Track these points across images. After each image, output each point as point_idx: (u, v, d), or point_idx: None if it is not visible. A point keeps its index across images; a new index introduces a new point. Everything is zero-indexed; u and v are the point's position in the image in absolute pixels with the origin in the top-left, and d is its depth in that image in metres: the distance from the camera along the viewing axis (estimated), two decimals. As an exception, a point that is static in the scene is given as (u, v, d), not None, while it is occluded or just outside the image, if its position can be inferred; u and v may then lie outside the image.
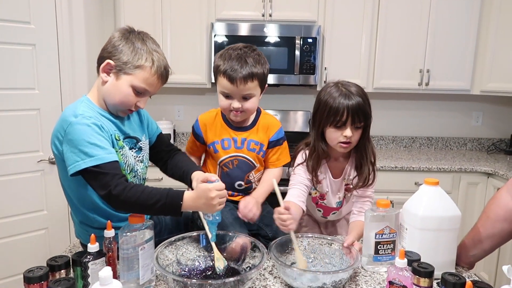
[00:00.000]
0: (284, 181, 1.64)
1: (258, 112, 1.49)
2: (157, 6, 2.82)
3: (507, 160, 2.97)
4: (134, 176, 1.31)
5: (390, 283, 1.01)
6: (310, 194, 1.57)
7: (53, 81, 2.32)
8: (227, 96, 1.36)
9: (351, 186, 1.52)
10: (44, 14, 2.25)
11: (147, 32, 1.27)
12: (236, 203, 1.41)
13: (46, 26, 2.27)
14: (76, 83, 2.41)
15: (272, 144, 1.49)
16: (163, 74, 1.23)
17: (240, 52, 1.33)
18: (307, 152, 1.50)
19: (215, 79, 1.39)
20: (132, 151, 1.29)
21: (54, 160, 2.30)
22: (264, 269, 1.23)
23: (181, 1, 2.82)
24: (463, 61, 2.92)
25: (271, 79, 2.84)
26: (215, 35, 2.79)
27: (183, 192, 1.12)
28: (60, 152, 1.15)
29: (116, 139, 1.22)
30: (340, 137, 1.38)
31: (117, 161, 1.14)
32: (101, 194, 1.09)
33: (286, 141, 1.53)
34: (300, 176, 1.48)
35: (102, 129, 1.16)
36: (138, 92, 1.21)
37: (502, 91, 2.89)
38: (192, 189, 1.20)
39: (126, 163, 1.25)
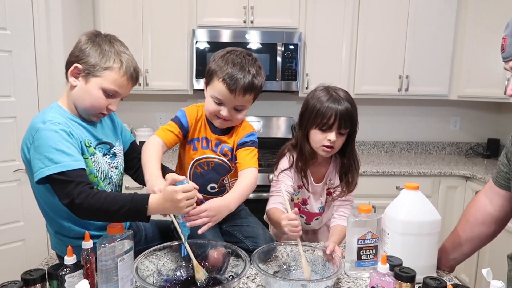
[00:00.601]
0: (266, 187, 1.63)
1: None
2: (137, 12, 2.79)
3: (484, 164, 3.04)
4: (109, 183, 1.28)
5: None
6: (292, 200, 1.57)
7: (30, 88, 2.27)
8: (219, 103, 1.29)
9: (334, 193, 1.52)
10: (20, 19, 2.21)
11: (115, 35, 1.25)
12: None
13: (23, 32, 2.22)
14: (54, 90, 2.36)
15: (238, 147, 1.37)
16: (133, 75, 1.21)
17: (243, 60, 1.26)
18: (294, 155, 1.49)
19: (209, 80, 1.29)
20: (106, 157, 1.27)
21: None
22: (247, 277, 1.21)
23: (162, 7, 2.80)
24: (440, 67, 2.99)
25: (253, 85, 2.84)
26: (196, 42, 2.78)
27: (148, 196, 1.09)
28: (28, 159, 1.13)
29: (86, 145, 1.19)
30: (324, 140, 1.38)
31: (83, 169, 1.11)
32: (64, 203, 1.06)
33: (256, 148, 1.39)
34: (284, 184, 1.47)
35: (71, 135, 1.13)
36: (109, 94, 1.19)
37: (479, 96, 2.97)
38: None
39: (99, 170, 1.22)
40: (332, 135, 1.36)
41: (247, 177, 1.29)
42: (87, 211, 1.06)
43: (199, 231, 1.12)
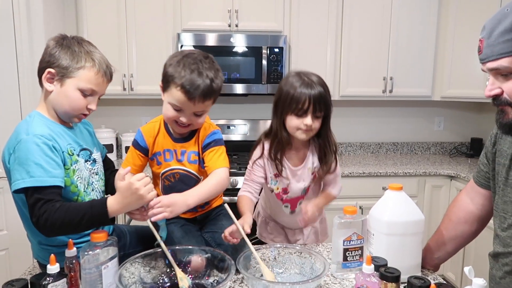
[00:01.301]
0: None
1: None
2: (121, 16, 2.77)
3: (468, 163, 3.09)
4: (92, 190, 1.27)
5: None
6: (272, 191, 1.57)
7: (11, 93, 2.24)
8: (177, 110, 1.24)
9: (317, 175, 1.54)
10: (1, 22, 2.17)
11: (82, 37, 1.26)
12: (187, 220, 1.39)
13: (3, 36, 2.18)
14: (36, 94, 2.32)
15: (204, 149, 1.33)
16: (107, 72, 1.22)
17: (200, 64, 1.21)
18: (266, 143, 1.51)
19: (166, 87, 1.25)
20: (87, 163, 1.26)
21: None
22: (234, 281, 1.21)
23: (147, 11, 2.79)
24: (424, 68, 3.04)
25: (240, 88, 2.85)
26: (181, 46, 2.77)
27: (106, 199, 1.09)
28: (8, 168, 1.13)
29: (69, 153, 1.18)
30: (300, 125, 1.39)
31: (59, 187, 1.11)
32: (32, 221, 1.07)
33: (223, 147, 1.35)
34: (254, 175, 1.52)
35: (53, 149, 1.12)
36: (86, 94, 1.19)
37: (461, 97, 3.02)
38: None
39: (81, 177, 1.22)
40: (308, 120, 1.38)
41: (213, 177, 1.26)
42: (52, 228, 1.06)
43: (152, 219, 1.11)
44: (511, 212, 1.05)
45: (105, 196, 1.29)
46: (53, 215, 1.04)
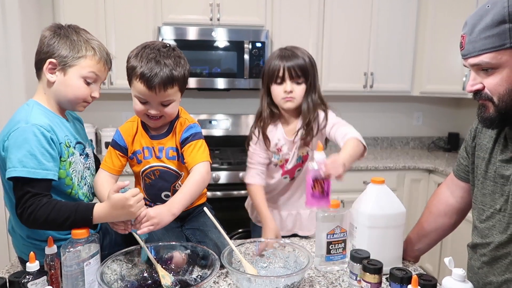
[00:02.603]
0: (236, 185, 1.60)
1: (176, 116, 1.34)
2: (99, 10, 2.70)
3: (445, 157, 3.16)
4: (85, 184, 1.25)
5: (315, 180, 1.18)
6: (276, 165, 1.62)
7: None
8: (144, 102, 1.23)
9: (308, 139, 1.56)
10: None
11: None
12: None
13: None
14: (12, 88, 2.26)
15: (183, 144, 1.30)
16: (107, 60, 1.23)
17: (158, 53, 1.19)
18: (258, 125, 1.61)
19: (129, 81, 1.24)
20: (81, 157, 1.25)
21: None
22: (218, 276, 1.21)
23: (126, 4, 2.73)
24: (403, 64, 3.09)
25: (222, 83, 2.83)
26: (162, 40, 2.72)
27: (93, 205, 1.08)
28: (3, 157, 1.10)
29: (66, 145, 1.17)
30: (282, 93, 1.50)
31: (50, 180, 1.09)
32: (16, 212, 1.05)
33: (202, 140, 1.31)
34: (258, 157, 1.60)
35: (51, 141, 1.10)
36: (89, 82, 1.19)
37: (439, 92, 3.09)
38: None
39: (75, 170, 1.20)
40: (287, 86, 1.48)
41: (193, 175, 1.23)
42: (34, 223, 1.05)
43: (138, 232, 1.10)
44: (490, 204, 1.08)
45: (92, 202, 1.24)
46: (38, 211, 1.03)
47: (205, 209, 1.26)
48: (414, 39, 3.07)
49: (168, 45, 1.25)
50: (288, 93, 1.48)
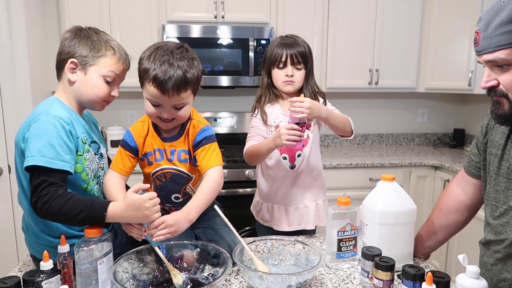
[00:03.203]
0: (241, 183, 1.58)
1: (188, 117, 1.31)
2: (104, 9, 2.70)
3: (451, 153, 3.15)
4: (97, 183, 1.26)
5: (297, 124, 1.37)
6: None
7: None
8: (156, 105, 1.19)
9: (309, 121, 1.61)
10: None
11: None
12: None
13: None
14: (18, 86, 2.26)
15: (196, 147, 1.29)
16: (126, 60, 1.27)
17: (171, 56, 1.16)
18: (257, 106, 1.71)
19: (141, 83, 1.20)
20: (96, 156, 1.26)
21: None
22: (229, 274, 1.21)
23: (130, 2, 2.73)
24: (408, 61, 3.07)
25: (226, 81, 2.83)
26: (167, 38, 2.72)
27: (108, 203, 1.07)
28: (23, 149, 1.11)
29: (83, 142, 1.19)
30: (283, 76, 1.61)
31: (67, 172, 1.09)
32: (31, 201, 1.06)
33: (215, 143, 1.31)
34: (257, 129, 1.67)
35: (69, 134, 1.12)
36: (109, 81, 1.22)
37: (444, 89, 3.07)
38: None
39: (89, 168, 1.22)
40: (288, 70, 1.59)
41: (208, 180, 1.22)
42: (48, 213, 1.04)
43: (153, 239, 1.10)
44: (503, 201, 1.07)
45: (107, 200, 1.23)
46: (53, 201, 1.03)
47: (216, 207, 1.25)
48: (419, 35, 3.05)
49: (181, 46, 1.21)
50: (289, 77, 1.60)
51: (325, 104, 1.68)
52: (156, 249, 1.14)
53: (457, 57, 2.93)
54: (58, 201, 1.03)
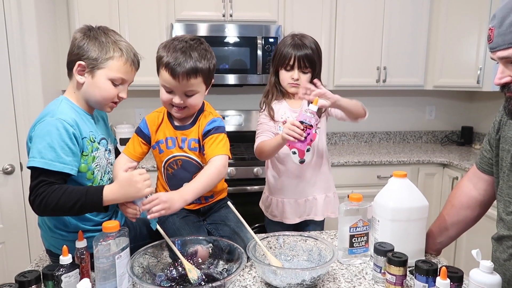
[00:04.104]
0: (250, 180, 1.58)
1: (201, 109, 1.39)
2: (113, 8, 2.72)
3: (459, 151, 3.14)
4: (109, 179, 1.29)
5: (301, 122, 1.38)
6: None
7: (4, 86, 2.19)
8: (169, 91, 1.29)
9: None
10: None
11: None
12: (189, 211, 1.40)
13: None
14: (29, 84, 2.28)
15: (204, 136, 1.34)
16: (134, 61, 1.26)
17: (185, 44, 1.25)
18: (265, 102, 1.74)
19: (158, 71, 1.30)
20: (106, 152, 1.29)
21: (8, 170, 2.19)
22: (243, 269, 1.22)
23: (139, 1, 2.74)
24: (416, 58, 3.07)
25: (234, 79, 2.84)
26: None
27: (102, 187, 1.11)
28: (30, 147, 1.14)
29: (91, 140, 1.21)
30: (289, 78, 1.64)
31: (66, 174, 1.12)
32: (29, 199, 1.09)
33: (224, 134, 1.35)
34: (265, 125, 1.71)
35: (73, 136, 1.13)
36: (116, 83, 1.23)
37: (452, 86, 3.07)
38: None
39: (100, 165, 1.24)
40: (294, 74, 1.63)
41: (209, 167, 1.25)
42: (45, 209, 1.08)
43: (148, 216, 1.11)
44: (516, 196, 1.08)
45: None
46: (50, 196, 1.06)
47: (229, 203, 1.28)
48: (427, 32, 3.05)
49: (197, 38, 1.29)
50: (294, 80, 1.63)
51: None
52: (169, 242, 1.15)
53: (465, 54, 2.92)
54: (54, 195, 1.06)
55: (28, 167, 1.10)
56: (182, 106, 1.29)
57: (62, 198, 1.06)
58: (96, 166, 1.22)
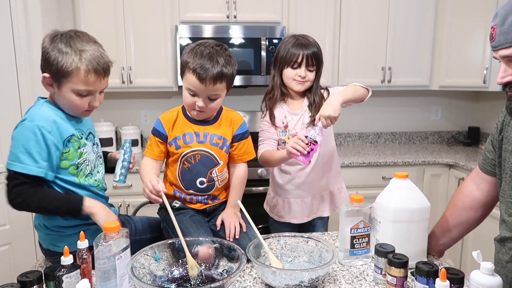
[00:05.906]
0: (254, 182, 1.60)
1: (220, 108, 1.46)
2: (118, 9, 2.74)
3: (466, 152, 3.12)
4: (98, 172, 1.32)
5: (306, 137, 1.41)
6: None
7: (10, 86, 2.22)
8: (193, 95, 1.33)
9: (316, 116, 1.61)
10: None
11: (83, 31, 1.23)
12: (196, 210, 1.42)
13: (1, 33, 2.16)
14: (35, 90, 2.31)
15: (238, 138, 1.45)
16: (98, 69, 1.18)
17: (212, 50, 1.30)
18: (267, 103, 1.75)
19: (182, 74, 1.34)
20: (94, 147, 1.32)
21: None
22: (243, 270, 1.22)
23: (144, 3, 2.77)
24: (421, 58, 3.05)
25: (238, 80, 2.84)
26: (179, 38, 2.75)
27: (82, 198, 1.21)
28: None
29: (78, 137, 1.24)
30: (295, 76, 1.64)
31: (41, 178, 1.17)
32: (8, 198, 1.16)
33: (250, 136, 1.51)
34: (267, 132, 1.72)
35: (50, 141, 1.16)
36: (83, 94, 1.19)
37: (458, 86, 3.04)
38: None
39: (89, 159, 1.28)
40: (302, 71, 1.63)
41: (236, 179, 1.48)
42: (26, 208, 1.18)
43: (237, 236, 1.32)
44: (518, 197, 1.07)
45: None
46: (30, 199, 1.14)
47: (239, 202, 1.33)
48: (432, 32, 3.03)
49: (220, 44, 1.35)
50: (301, 77, 1.63)
51: (328, 94, 1.71)
52: (181, 237, 1.16)
53: (471, 54, 2.90)
54: (34, 198, 1.15)
55: (7, 169, 1.15)
56: (204, 109, 1.34)
57: (43, 202, 1.16)
58: (84, 161, 1.25)
